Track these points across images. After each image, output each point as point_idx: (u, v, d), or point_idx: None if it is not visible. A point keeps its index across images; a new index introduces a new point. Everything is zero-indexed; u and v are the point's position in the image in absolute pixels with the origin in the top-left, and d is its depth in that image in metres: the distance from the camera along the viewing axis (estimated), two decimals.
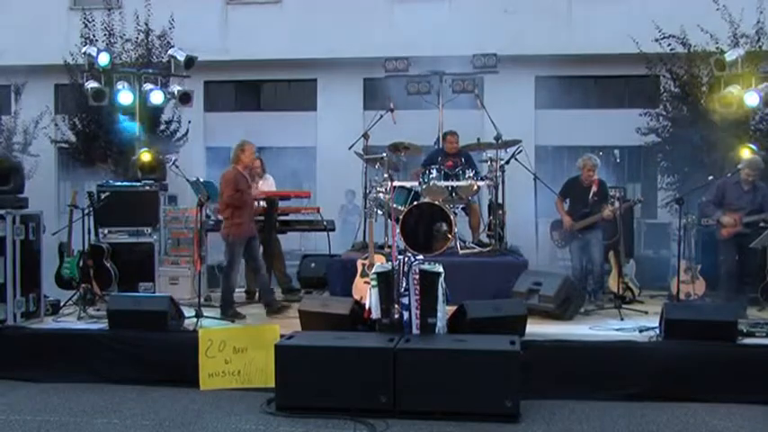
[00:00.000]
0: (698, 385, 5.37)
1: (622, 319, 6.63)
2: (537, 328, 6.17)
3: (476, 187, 8.23)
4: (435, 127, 9.90)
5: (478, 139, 8.69)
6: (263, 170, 8.33)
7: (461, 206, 8.60)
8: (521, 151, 8.27)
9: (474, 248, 8.19)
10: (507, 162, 8.31)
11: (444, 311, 5.69)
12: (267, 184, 8.32)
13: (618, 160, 7.62)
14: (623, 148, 13.53)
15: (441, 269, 5.71)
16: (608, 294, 7.71)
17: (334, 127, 11.82)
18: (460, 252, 7.96)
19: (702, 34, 10.46)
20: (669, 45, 10.85)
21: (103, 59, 9.04)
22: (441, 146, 9.08)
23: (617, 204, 7.48)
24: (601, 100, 13.71)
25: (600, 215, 7.61)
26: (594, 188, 7.73)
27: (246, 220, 6.99)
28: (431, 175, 8.17)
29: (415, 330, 5.60)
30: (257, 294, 8.10)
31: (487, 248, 8.13)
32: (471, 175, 8.20)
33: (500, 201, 8.22)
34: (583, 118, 13.27)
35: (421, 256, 6.20)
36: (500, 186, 8.17)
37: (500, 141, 8.18)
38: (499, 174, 8.15)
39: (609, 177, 9.02)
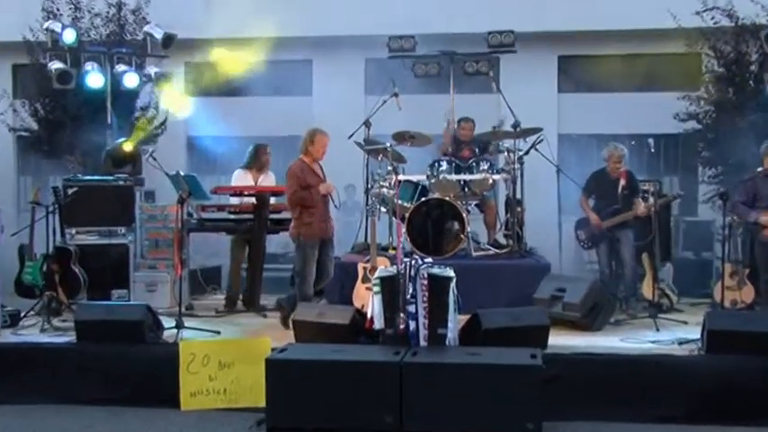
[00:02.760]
0: (744, 407, 5.34)
1: (658, 330, 6.63)
2: (561, 340, 6.18)
3: (491, 181, 8.23)
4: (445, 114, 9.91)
5: (494, 128, 8.68)
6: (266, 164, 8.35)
7: (475, 203, 8.61)
8: (542, 140, 8.27)
9: (489, 250, 8.19)
10: (526, 153, 8.31)
11: (456, 321, 5.69)
12: (268, 181, 8.36)
13: (652, 150, 7.59)
14: (659, 136, 13.49)
15: (452, 273, 5.72)
16: (641, 302, 7.71)
17: (332, 114, 11.76)
18: (474, 254, 7.97)
19: (752, 5, 10.36)
20: (713, 18, 10.73)
21: (69, 37, 9.06)
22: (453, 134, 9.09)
23: (651, 200, 7.46)
24: (633, 82, 13.65)
25: (632, 212, 7.60)
26: (623, 181, 7.72)
27: (318, 219, 7.02)
28: (440, 168, 8.17)
29: (422, 342, 5.60)
30: (240, 300, 8.14)
31: (504, 250, 8.13)
32: (486, 167, 8.20)
33: (518, 196, 8.22)
34: (612, 102, 13.21)
35: (430, 259, 6.20)
36: (518, 180, 8.17)
37: (518, 130, 8.18)
38: (517, 166, 8.15)
39: (642, 170, 9.04)
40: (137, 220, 8.58)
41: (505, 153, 8.38)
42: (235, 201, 8.32)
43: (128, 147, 8.89)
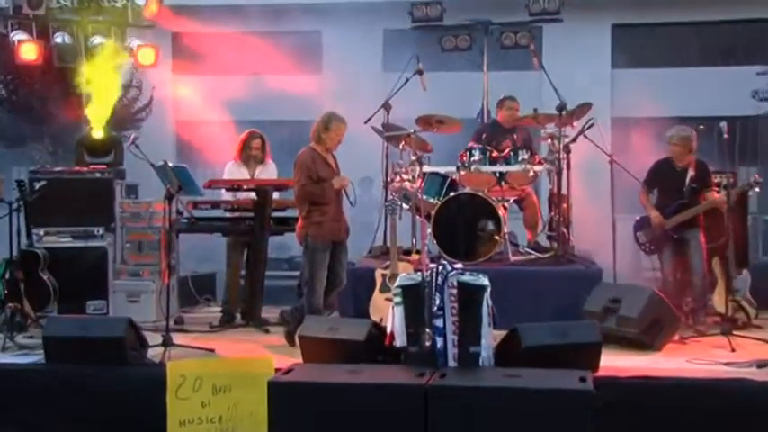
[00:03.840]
0: None
1: (733, 350, 6.59)
2: (615, 361, 6.17)
3: (532, 173, 8.22)
4: (478, 94, 9.91)
5: (535, 110, 8.67)
6: (263, 153, 8.39)
7: (513, 198, 8.60)
8: (592, 125, 8.25)
9: (530, 254, 8.19)
10: (574, 140, 8.29)
11: (491, 337, 5.69)
12: (267, 173, 8.41)
13: (726, 135, 7.51)
14: (734, 118, 13.33)
15: (486, 281, 5.71)
16: (713, 316, 7.66)
17: (345, 95, 11.82)
18: (512, 259, 7.97)
19: None
20: None
21: (35, 2, 9.09)
22: (484, 118, 9.10)
23: (724, 194, 7.42)
24: (702, 55, 13.59)
25: (706, 204, 7.54)
26: (691, 172, 7.68)
27: (330, 218, 7.05)
28: (473, 158, 8.18)
29: (452, 362, 5.61)
30: (238, 313, 8.21)
31: (548, 254, 8.12)
32: (526, 157, 8.19)
33: (564, 191, 8.20)
34: (677, 79, 13.16)
35: (460, 265, 6.20)
36: (564, 172, 8.15)
37: (565, 113, 8.16)
38: (563, 155, 8.13)
39: (713, 159, 8.96)
40: (117, 220, 8.65)
41: (549, 140, 8.37)
42: (229, 196, 8.37)
43: (97, 133, 8.93)
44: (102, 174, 8.48)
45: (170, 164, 7.79)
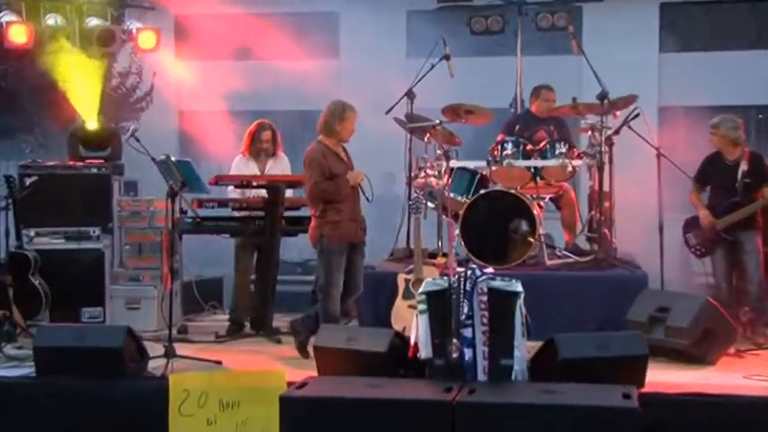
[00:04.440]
0: None
1: None
2: (663, 376, 6.15)
3: (570, 168, 8.20)
4: (511, 81, 9.88)
5: (574, 99, 8.65)
6: (274, 146, 8.42)
7: (550, 196, 8.58)
8: (637, 115, 8.20)
9: (568, 257, 8.16)
10: (617, 131, 8.25)
11: (525, 349, 5.69)
12: (279, 167, 8.44)
13: None
14: None
15: (519, 288, 5.71)
16: None
17: (365, 82, 11.85)
18: (548, 263, 7.94)
19: None
20: None
21: None
22: (518, 108, 9.07)
23: None
24: (760, 36, 13.47)
25: (761, 202, 7.50)
26: (744, 166, 7.64)
27: (346, 217, 7.07)
28: (505, 152, 8.17)
29: (481, 376, 5.61)
30: (248, 322, 8.25)
31: (588, 257, 8.09)
32: (564, 150, 8.17)
33: (606, 188, 8.17)
34: (732, 64, 13.07)
35: (491, 269, 6.19)
36: (606, 167, 8.12)
37: (607, 102, 8.13)
38: (605, 149, 8.11)
39: None
40: (114, 219, 8.70)
41: (589, 132, 8.34)
42: (237, 194, 8.40)
43: (92, 124, 8.97)
44: (98, 169, 8.53)
45: (173, 158, 7.82)
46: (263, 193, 8.08)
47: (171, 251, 7.45)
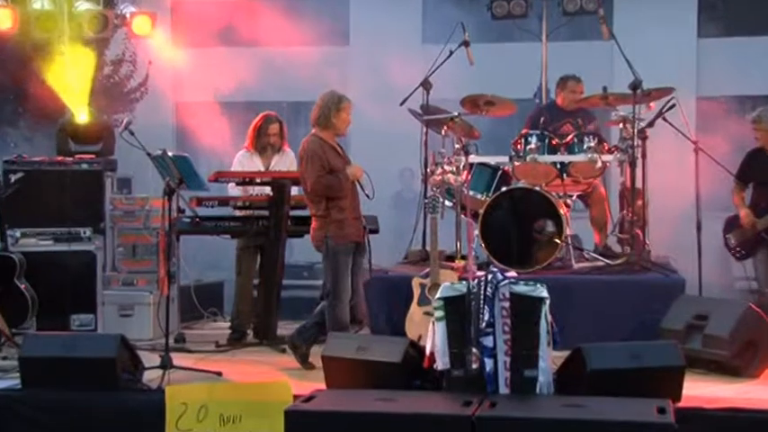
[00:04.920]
0: None
1: None
2: (701, 389, 6.13)
3: (600, 164, 8.19)
4: (536, 70, 9.87)
5: (605, 89, 8.63)
6: (281, 140, 8.45)
7: (578, 194, 8.57)
8: (673, 106, 8.20)
9: (598, 260, 8.15)
10: (651, 124, 8.25)
11: (550, 360, 5.68)
12: (285, 163, 8.47)
13: None
14: None
15: (545, 293, 5.71)
16: None
17: (377, 71, 11.87)
18: (576, 266, 7.94)
19: None
20: None
21: None
22: (543, 99, 9.04)
23: None
24: None
25: None
26: None
27: (350, 216, 7.12)
28: (529, 146, 8.17)
29: (503, 389, 5.61)
30: (251, 330, 8.28)
31: (619, 260, 8.07)
32: (593, 144, 8.16)
33: (639, 185, 8.16)
34: None
35: (514, 273, 6.19)
36: (639, 162, 8.11)
37: (640, 92, 8.11)
38: (638, 143, 8.10)
39: None
40: (107, 219, 8.72)
41: (621, 125, 8.33)
42: (239, 192, 8.42)
43: (82, 117, 8.98)
44: (89, 165, 8.54)
45: (169, 153, 7.84)
46: (268, 190, 8.09)
47: (168, 253, 7.47)
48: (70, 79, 9.16)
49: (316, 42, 14.08)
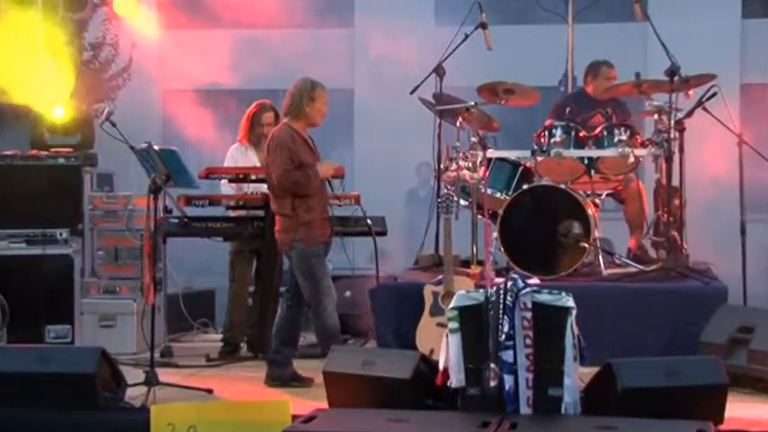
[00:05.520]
0: None
1: None
2: (746, 410, 6.11)
3: (633, 159, 8.18)
4: (561, 54, 9.85)
5: (638, 75, 8.63)
6: None
7: (608, 192, 8.56)
8: (714, 94, 8.18)
9: (630, 266, 8.13)
10: (690, 114, 8.23)
11: (577, 376, 5.69)
12: None
13: None
14: None
15: (571, 302, 5.71)
16: None
17: (384, 56, 11.87)
18: (606, 272, 7.92)
19: None
20: None
21: None
22: (569, 87, 9.03)
23: None
24: None
25: None
26: None
27: (319, 216, 7.19)
28: (553, 139, 8.16)
29: (525, 409, 5.61)
30: (244, 342, 8.30)
31: (654, 266, 8.06)
32: (625, 138, 8.15)
33: (676, 183, 8.15)
34: None
35: (536, 280, 6.19)
36: (676, 157, 8.10)
37: (677, 79, 8.10)
38: (675, 135, 8.08)
39: None
40: (86, 219, 8.73)
41: (656, 115, 8.31)
42: (232, 189, 8.42)
43: (59, 110, 8.96)
44: (66, 159, 8.55)
45: (155, 146, 7.85)
46: (264, 188, 8.08)
47: (153, 258, 7.48)
48: (47, 65, 9.15)
49: (317, 24, 14.12)
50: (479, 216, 8.09)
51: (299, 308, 7.30)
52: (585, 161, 8.17)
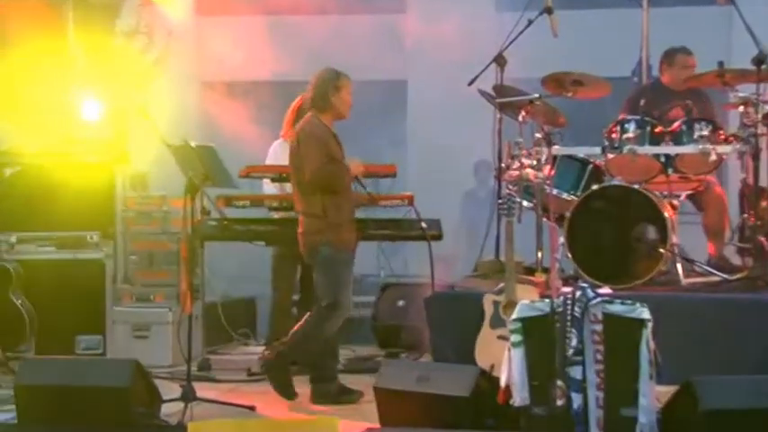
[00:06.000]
0: None
1: None
2: None
3: (715, 156, 8.11)
4: (635, 42, 9.80)
5: (721, 64, 8.56)
6: None
7: (687, 193, 8.50)
8: None
9: (712, 274, 8.07)
10: None
11: (653, 396, 5.65)
12: None
13: None
14: None
15: (646, 313, 5.68)
16: None
17: (440, 44, 11.86)
18: (685, 281, 7.86)
19: None
20: None
21: None
22: (643, 77, 8.97)
23: None
24: None
25: None
26: None
27: (348, 218, 7.28)
28: (626, 134, 8.12)
29: (595, 430, 5.60)
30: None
31: (740, 274, 7.99)
32: (706, 133, 8.10)
33: (764, 182, 8.07)
34: None
35: (607, 289, 6.15)
36: (764, 154, 8.03)
37: (765, 68, 8.03)
38: (762, 130, 8.01)
39: None
40: (118, 222, 8.78)
41: (741, 108, 8.25)
42: (275, 189, 8.45)
43: (90, 104, 9.02)
44: (97, 157, 8.60)
45: (193, 143, 7.90)
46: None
47: (190, 263, 7.52)
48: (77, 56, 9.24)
49: (366, 10, 14.12)
50: (544, 219, 8.06)
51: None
52: (662, 159, 8.10)
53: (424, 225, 8.62)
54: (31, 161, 8.50)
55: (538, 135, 8.16)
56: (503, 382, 5.89)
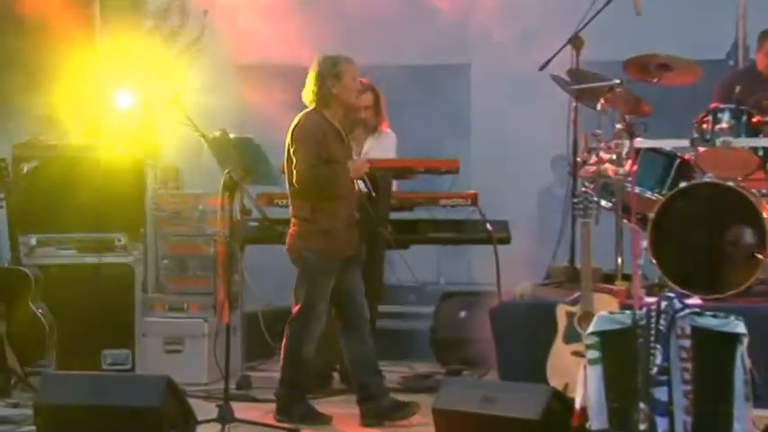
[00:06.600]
0: None
1: None
2: None
3: None
4: (729, 22, 9.76)
5: None
6: (377, 117, 8.49)
7: None
8: None
9: None
10: None
11: (750, 420, 5.63)
12: (383, 148, 8.58)
13: None
14: None
15: (742, 327, 5.64)
16: None
17: (506, 23, 11.84)
18: None
19: None
20: None
21: None
22: (739, 61, 8.92)
23: None
24: None
25: None
26: None
27: (343, 224, 7.26)
28: (719, 125, 8.07)
29: None
30: (336, 372, 8.41)
31: None
32: None
33: None
34: None
35: (697, 300, 6.11)
36: None
37: None
38: None
39: None
40: (148, 222, 8.84)
41: None
42: None
43: (118, 93, 9.07)
44: (126, 150, 8.66)
45: (231, 134, 7.92)
46: (360, 185, 8.11)
47: (228, 268, 7.55)
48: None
49: None
50: (625, 221, 8.03)
51: (358, 327, 7.44)
52: (760, 152, 8.06)
53: (489, 227, 8.62)
54: (52, 154, 8.53)
55: (618, 126, 8.14)
56: (578, 404, 5.90)
